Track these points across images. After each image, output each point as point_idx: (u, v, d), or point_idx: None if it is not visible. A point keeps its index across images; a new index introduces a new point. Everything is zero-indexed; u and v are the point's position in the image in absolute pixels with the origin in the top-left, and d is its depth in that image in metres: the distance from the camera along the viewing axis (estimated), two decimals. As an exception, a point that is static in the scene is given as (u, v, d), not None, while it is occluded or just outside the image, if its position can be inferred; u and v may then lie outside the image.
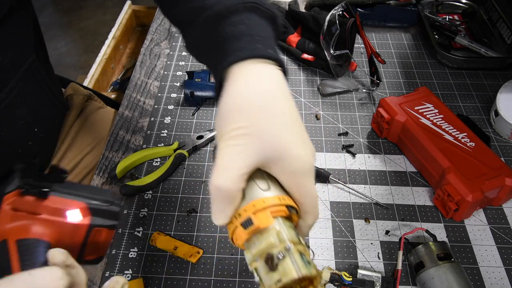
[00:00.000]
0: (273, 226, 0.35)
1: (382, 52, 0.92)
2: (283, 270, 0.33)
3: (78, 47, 2.48)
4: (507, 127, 0.72)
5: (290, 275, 0.32)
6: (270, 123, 0.37)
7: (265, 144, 0.36)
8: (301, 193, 0.37)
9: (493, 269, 0.58)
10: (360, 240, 0.61)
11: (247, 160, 0.36)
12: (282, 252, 0.33)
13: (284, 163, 0.36)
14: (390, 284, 0.54)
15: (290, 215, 0.37)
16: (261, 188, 0.37)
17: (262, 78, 0.39)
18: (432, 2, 0.99)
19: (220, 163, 0.36)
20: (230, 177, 0.35)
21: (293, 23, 0.93)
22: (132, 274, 0.57)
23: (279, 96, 0.39)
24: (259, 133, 0.36)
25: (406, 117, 0.69)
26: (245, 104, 0.37)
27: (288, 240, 0.34)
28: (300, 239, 0.36)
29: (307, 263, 0.34)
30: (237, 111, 0.37)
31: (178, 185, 0.67)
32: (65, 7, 2.74)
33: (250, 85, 0.38)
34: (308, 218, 0.39)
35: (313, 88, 0.84)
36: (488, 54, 0.89)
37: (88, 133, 0.81)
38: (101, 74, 1.40)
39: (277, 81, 0.39)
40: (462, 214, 0.61)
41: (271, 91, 0.38)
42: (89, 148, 0.80)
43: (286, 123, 0.37)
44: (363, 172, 0.69)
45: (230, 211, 0.36)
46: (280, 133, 0.36)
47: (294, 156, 0.36)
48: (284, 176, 0.37)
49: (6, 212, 0.37)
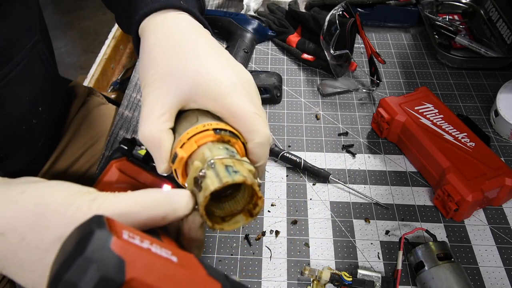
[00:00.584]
0: (201, 152, 0.34)
1: (382, 52, 0.92)
2: (205, 186, 0.32)
3: (78, 47, 2.48)
4: (507, 127, 0.72)
5: (208, 188, 0.31)
6: (182, 60, 0.37)
7: (179, 80, 0.37)
8: (231, 113, 0.36)
9: (493, 269, 0.58)
10: (360, 240, 0.61)
11: (165, 102, 0.37)
12: (204, 170, 0.32)
13: (203, 91, 0.37)
14: (390, 284, 0.54)
15: (222, 138, 0.35)
16: (189, 123, 0.37)
17: (172, 25, 0.40)
18: (432, 2, 0.99)
19: (142, 113, 0.37)
20: (151, 123, 0.36)
21: (293, 23, 0.93)
22: (132, 274, 0.57)
23: (189, 34, 0.40)
24: (173, 73, 0.37)
25: (406, 117, 0.69)
26: (157, 51, 0.39)
27: (212, 157, 0.33)
28: (236, 155, 0.34)
29: (233, 172, 0.32)
30: (152, 60, 0.39)
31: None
32: (65, 7, 2.74)
33: (160, 32, 0.40)
34: (253, 136, 0.37)
35: (313, 88, 0.84)
36: (488, 54, 0.89)
37: (90, 127, 0.82)
38: (101, 74, 1.39)
39: (187, 24, 0.41)
40: (462, 214, 0.61)
41: (182, 32, 0.40)
42: (91, 142, 0.80)
43: (197, 56, 0.38)
44: (363, 172, 0.69)
45: (164, 155, 0.36)
46: (191, 66, 0.37)
47: (208, 80, 0.37)
48: (209, 103, 0.37)
49: (114, 171, 0.41)
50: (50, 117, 0.71)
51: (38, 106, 0.67)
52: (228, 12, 0.96)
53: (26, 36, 0.61)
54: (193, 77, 0.37)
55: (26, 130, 0.65)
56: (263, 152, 0.38)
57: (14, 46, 0.59)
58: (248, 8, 0.99)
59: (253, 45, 0.90)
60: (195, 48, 0.39)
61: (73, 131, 0.79)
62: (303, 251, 0.60)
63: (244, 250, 0.60)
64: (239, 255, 0.59)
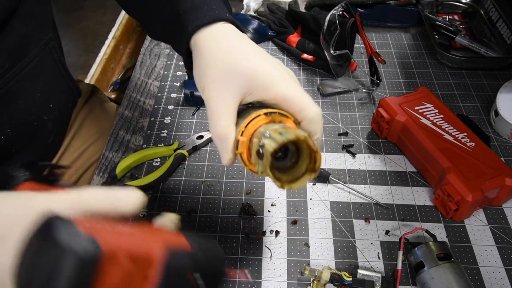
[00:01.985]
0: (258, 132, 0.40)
1: (382, 52, 0.92)
2: (265, 151, 0.37)
3: (78, 47, 2.48)
4: (507, 127, 0.72)
5: (267, 151, 0.37)
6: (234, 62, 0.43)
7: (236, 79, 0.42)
8: (283, 97, 0.42)
9: (493, 269, 0.58)
10: (360, 240, 0.61)
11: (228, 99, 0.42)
12: (262, 141, 0.38)
13: (258, 83, 0.42)
14: (390, 284, 0.54)
15: (273, 119, 0.41)
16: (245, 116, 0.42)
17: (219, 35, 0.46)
18: (432, 2, 0.99)
19: (209, 112, 0.43)
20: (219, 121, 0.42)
21: (293, 23, 0.93)
22: (132, 274, 0.57)
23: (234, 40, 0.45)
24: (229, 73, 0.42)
25: (406, 117, 0.69)
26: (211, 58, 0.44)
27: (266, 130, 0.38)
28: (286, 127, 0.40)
29: (284, 134, 0.37)
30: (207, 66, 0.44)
31: (178, 185, 0.67)
32: (65, 7, 2.74)
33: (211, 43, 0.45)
34: (304, 114, 0.42)
35: (313, 88, 0.84)
36: (488, 54, 0.89)
37: (93, 123, 0.83)
38: (101, 74, 1.39)
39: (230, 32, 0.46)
40: (462, 214, 0.61)
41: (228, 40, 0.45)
42: (93, 138, 0.81)
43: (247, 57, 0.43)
44: (363, 172, 0.69)
45: (229, 146, 0.42)
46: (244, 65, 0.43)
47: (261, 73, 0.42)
48: (263, 93, 0.42)
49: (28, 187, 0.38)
50: (60, 114, 0.73)
51: (49, 102, 0.68)
52: (228, 12, 0.96)
53: (40, 33, 0.63)
54: (247, 73, 0.42)
55: (37, 126, 0.67)
56: (316, 127, 0.42)
57: (29, 43, 0.60)
58: (248, 8, 0.99)
59: (253, 45, 0.90)
60: (242, 50, 0.44)
61: (77, 127, 0.80)
62: (303, 251, 0.60)
63: (244, 250, 0.60)
64: (239, 255, 0.59)
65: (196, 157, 0.71)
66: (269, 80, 0.42)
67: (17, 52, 0.59)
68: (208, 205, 0.65)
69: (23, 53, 0.60)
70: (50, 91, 0.68)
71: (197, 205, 0.65)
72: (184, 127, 0.76)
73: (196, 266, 0.28)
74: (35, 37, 0.62)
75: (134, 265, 0.25)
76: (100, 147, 0.81)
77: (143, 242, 0.26)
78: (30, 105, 0.64)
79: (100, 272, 0.24)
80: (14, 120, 0.62)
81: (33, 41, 0.61)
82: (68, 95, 0.76)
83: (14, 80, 0.59)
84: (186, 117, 0.78)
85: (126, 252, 0.25)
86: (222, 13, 0.48)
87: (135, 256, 0.25)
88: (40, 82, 0.65)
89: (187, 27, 0.47)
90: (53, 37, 0.66)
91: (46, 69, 0.66)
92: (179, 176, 0.69)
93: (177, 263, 0.27)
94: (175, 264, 0.27)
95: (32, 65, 0.61)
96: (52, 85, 0.69)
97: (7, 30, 0.55)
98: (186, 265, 0.28)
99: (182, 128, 0.76)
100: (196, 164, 0.70)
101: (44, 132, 0.69)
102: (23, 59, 0.60)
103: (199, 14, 0.47)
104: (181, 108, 0.80)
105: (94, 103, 0.85)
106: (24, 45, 0.60)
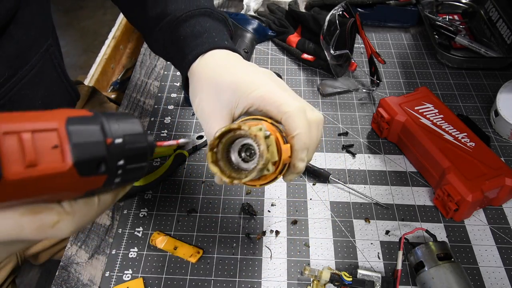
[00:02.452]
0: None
1: (382, 52, 0.92)
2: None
3: (78, 47, 2.48)
4: (507, 127, 0.72)
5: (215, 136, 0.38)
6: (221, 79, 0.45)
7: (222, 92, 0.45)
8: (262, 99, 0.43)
9: (493, 269, 0.58)
10: (360, 240, 0.61)
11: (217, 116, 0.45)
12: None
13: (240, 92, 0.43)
14: (390, 284, 0.54)
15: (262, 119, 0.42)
16: None
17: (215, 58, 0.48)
18: (432, 2, 0.99)
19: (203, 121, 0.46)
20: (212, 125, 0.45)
21: (293, 23, 0.93)
22: (132, 274, 0.57)
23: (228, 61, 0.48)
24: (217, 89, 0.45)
25: (406, 117, 0.69)
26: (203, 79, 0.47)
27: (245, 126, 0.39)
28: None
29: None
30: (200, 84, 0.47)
31: (178, 185, 0.67)
32: (65, 7, 2.74)
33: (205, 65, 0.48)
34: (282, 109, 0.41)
35: (313, 88, 0.84)
36: (488, 54, 0.89)
37: None
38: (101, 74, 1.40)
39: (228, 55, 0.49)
40: (462, 214, 0.61)
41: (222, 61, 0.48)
42: None
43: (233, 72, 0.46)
44: (363, 172, 0.69)
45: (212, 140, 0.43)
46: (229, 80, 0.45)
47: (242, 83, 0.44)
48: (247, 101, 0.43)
49: None
50: None
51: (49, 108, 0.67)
52: (228, 12, 0.96)
53: (40, 40, 0.62)
54: (230, 86, 0.44)
55: None
56: (294, 122, 0.41)
57: (29, 50, 0.60)
58: (248, 8, 0.99)
59: (253, 45, 0.90)
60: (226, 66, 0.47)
61: None
62: (303, 251, 0.60)
63: (244, 250, 0.60)
64: (239, 255, 0.59)
65: (196, 157, 0.71)
66: (249, 88, 0.43)
67: (17, 60, 0.58)
68: (208, 205, 0.65)
69: (24, 61, 0.59)
70: (50, 97, 0.67)
71: (197, 205, 0.65)
72: (184, 127, 0.76)
73: (103, 127, 0.28)
74: (35, 44, 0.61)
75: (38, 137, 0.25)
76: None
77: (41, 117, 0.26)
78: None
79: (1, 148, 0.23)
80: None
81: (33, 48, 0.61)
82: (68, 100, 0.76)
83: (15, 89, 0.59)
84: (186, 117, 0.78)
85: (23, 126, 0.24)
86: (220, 40, 0.50)
87: (35, 128, 0.25)
88: (41, 89, 0.64)
89: (187, 55, 0.49)
90: (52, 43, 0.66)
91: (47, 76, 0.66)
92: (179, 176, 0.69)
93: (81, 124, 0.26)
94: (80, 126, 0.26)
95: (33, 73, 0.61)
96: (52, 91, 0.68)
97: (7, 38, 0.55)
98: (91, 126, 0.27)
99: (182, 128, 0.76)
100: (196, 164, 0.70)
101: None
102: (24, 67, 0.59)
103: (199, 41, 0.50)
104: (181, 108, 0.80)
105: (94, 104, 0.85)
106: (24, 52, 0.59)
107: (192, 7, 0.53)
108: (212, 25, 0.52)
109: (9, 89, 0.58)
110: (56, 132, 0.25)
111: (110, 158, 0.28)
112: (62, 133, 0.26)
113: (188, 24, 0.52)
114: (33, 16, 0.59)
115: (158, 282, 0.56)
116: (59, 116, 0.26)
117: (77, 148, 0.26)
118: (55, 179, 0.25)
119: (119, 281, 0.57)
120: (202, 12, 0.53)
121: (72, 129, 0.26)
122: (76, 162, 0.26)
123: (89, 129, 0.27)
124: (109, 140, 0.28)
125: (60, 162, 0.25)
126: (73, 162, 0.26)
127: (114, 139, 0.28)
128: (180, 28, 0.52)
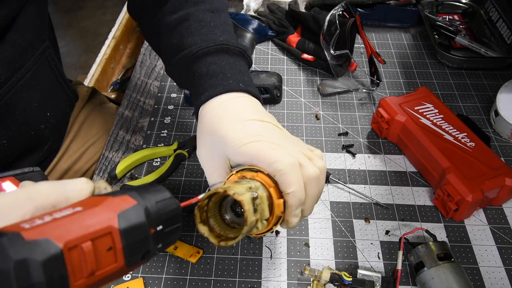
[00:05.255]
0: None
1: (382, 52, 0.92)
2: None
3: (78, 47, 2.48)
4: (507, 127, 0.72)
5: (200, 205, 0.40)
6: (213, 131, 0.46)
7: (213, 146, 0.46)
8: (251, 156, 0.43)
9: (493, 269, 0.58)
10: (360, 240, 0.61)
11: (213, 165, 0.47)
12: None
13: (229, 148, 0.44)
14: (390, 284, 0.54)
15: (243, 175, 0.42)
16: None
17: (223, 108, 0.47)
18: (432, 2, 0.99)
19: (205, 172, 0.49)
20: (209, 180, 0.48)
21: (293, 23, 0.94)
22: (132, 274, 0.57)
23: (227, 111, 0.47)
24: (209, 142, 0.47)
25: (406, 117, 0.69)
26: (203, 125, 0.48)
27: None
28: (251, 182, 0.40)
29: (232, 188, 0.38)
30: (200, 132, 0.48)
31: (178, 185, 0.67)
32: (65, 7, 2.74)
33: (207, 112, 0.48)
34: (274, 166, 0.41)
35: (313, 88, 0.84)
36: (488, 54, 0.89)
37: (91, 125, 0.82)
38: (101, 74, 1.39)
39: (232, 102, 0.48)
40: (462, 214, 0.61)
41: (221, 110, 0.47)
42: (92, 140, 0.81)
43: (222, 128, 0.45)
44: (363, 172, 0.69)
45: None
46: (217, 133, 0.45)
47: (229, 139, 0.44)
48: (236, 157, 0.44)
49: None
50: (57, 121, 0.72)
51: (46, 111, 0.67)
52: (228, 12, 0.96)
53: (36, 43, 0.62)
54: (220, 141, 0.45)
55: (34, 135, 0.66)
56: (287, 179, 0.41)
57: (25, 53, 0.60)
58: (248, 8, 0.99)
59: (253, 45, 0.90)
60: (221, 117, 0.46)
61: (76, 130, 0.80)
62: (303, 251, 0.60)
63: (244, 250, 0.60)
64: (239, 255, 0.59)
65: (196, 157, 0.71)
66: (236, 144, 0.43)
67: (13, 63, 0.58)
68: (208, 205, 0.65)
69: (19, 64, 0.59)
70: (47, 99, 0.67)
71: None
72: (184, 127, 0.76)
73: (148, 215, 0.29)
74: (31, 47, 0.61)
75: (97, 244, 0.26)
76: (99, 148, 0.81)
77: (94, 219, 0.26)
78: (27, 116, 0.63)
79: (67, 267, 0.24)
80: (11, 132, 0.61)
81: (29, 51, 0.60)
82: (65, 101, 0.75)
83: (11, 92, 0.58)
84: (186, 117, 0.78)
85: (83, 237, 0.25)
86: (234, 82, 0.49)
87: (93, 236, 0.26)
88: (37, 92, 0.64)
89: (200, 96, 0.49)
90: (49, 45, 0.66)
91: (43, 78, 0.65)
92: (179, 176, 0.69)
93: (130, 222, 0.28)
94: (130, 224, 0.28)
95: (29, 76, 0.61)
96: (49, 93, 0.68)
97: (3, 42, 0.55)
98: (139, 219, 0.28)
99: (182, 128, 0.76)
100: (196, 164, 0.70)
101: (41, 140, 0.69)
102: (20, 70, 0.59)
103: (213, 82, 0.49)
104: (181, 108, 0.80)
105: (93, 105, 0.85)
106: (20, 55, 0.59)
107: (209, 43, 0.51)
108: (228, 63, 0.51)
109: (5, 93, 0.58)
110: (111, 235, 0.27)
111: (153, 247, 0.29)
112: (116, 235, 0.27)
113: (203, 61, 0.51)
114: (30, 20, 0.59)
115: (158, 282, 0.56)
116: (109, 212, 0.27)
117: (129, 248, 0.28)
118: (108, 277, 0.27)
119: (119, 281, 0.57)
120: (219, 48, 0.51)
121: (123, 229, 0.27)
122: (128, 261, 0.28)
123: (138, 226, 0.28)
124: (153, 231, 0.29)
125: (113, 262, 0.27)
126: (125, 262, 0.27)
127: (156, 227, 0.29)
128: (195, 65, 0.51)
